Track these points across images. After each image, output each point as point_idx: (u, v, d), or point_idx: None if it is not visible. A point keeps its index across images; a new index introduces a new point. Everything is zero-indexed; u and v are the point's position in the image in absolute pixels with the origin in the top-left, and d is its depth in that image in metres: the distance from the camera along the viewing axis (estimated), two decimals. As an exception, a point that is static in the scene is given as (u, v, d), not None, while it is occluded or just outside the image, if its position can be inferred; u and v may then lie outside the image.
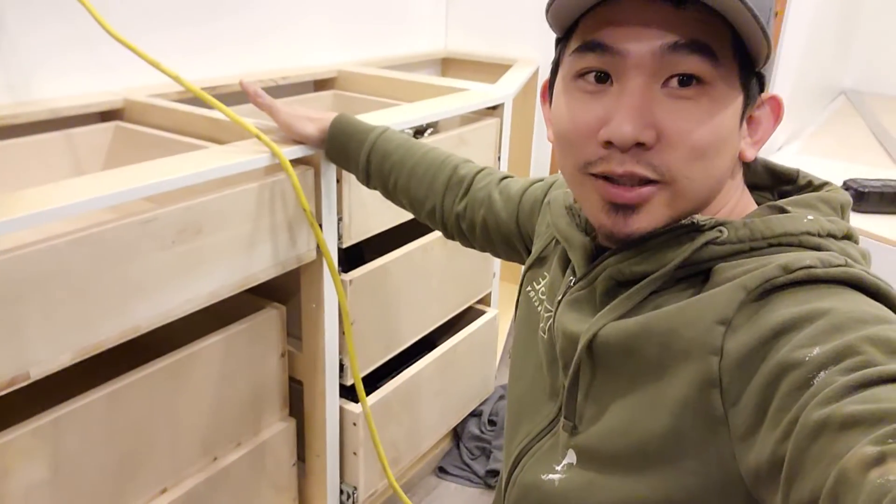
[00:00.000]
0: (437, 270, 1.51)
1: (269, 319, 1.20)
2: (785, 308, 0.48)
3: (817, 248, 0.53)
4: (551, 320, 0.66)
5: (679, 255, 0.56)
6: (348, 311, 1.25)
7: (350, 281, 1.27)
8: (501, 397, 1.80)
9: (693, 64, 0.53)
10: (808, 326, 0.46)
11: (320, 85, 1.80)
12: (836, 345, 0.44)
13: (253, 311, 1.19)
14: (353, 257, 1.33)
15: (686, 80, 0.53)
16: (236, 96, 1.44)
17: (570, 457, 0.60)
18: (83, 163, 1.28)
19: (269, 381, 1.23)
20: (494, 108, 1.62)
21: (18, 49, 1.25)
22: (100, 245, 0.87)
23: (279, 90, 1.67)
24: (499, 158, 1.65)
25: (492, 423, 1.70)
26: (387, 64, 1.96)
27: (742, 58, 0.55)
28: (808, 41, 2.12)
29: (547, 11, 0.59)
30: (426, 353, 1.54)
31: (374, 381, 1.44)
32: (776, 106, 0.61)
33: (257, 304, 1.22)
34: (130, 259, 0.90)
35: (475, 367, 1.72)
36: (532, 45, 2.11)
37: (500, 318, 1.81)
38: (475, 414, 1.73)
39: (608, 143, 0.55)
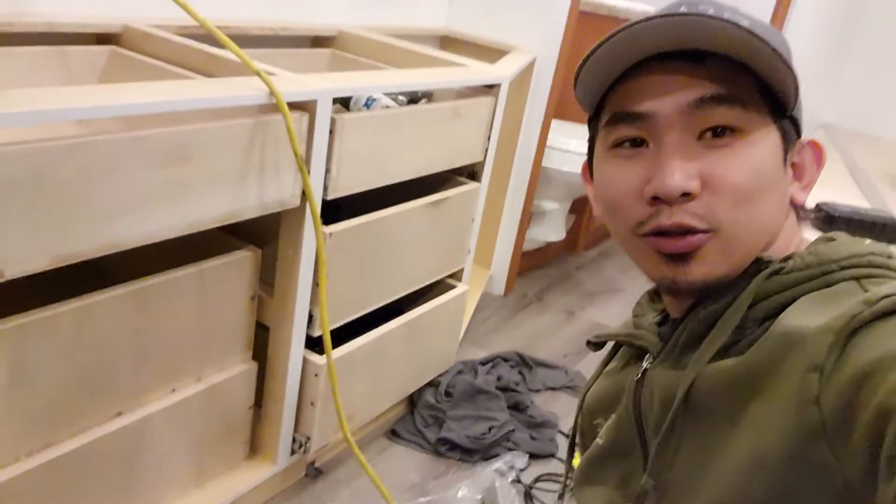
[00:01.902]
0: (415, 239, 1.52)
1: (244, 261, 1.21)
2: (875, 345, 0.47)
3: (886, 268, 0.54)
4: (633, 396, 0.65)
5: (749, 288, 0.56)
6: (325, 264, 1.26)
7: (330, 234, 1.27)
8: (460, 371, 1.83)
9: (722, 115, 0.55)
10: None
11: (318, 42, 1.80)
12: None
13: (229, 250, 1.20)
14: (330, 214, 1.34)
15: (720, 131, 0.55)
16: (239, 39, 1.43)
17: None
18: (75, 81, 1.26)
19: (236, 321, 1.24)
20: (491, 87, 1.64)
21: (22, -43, 1.23)
22: (90, 154, 0.86)
23: (276, 41, 1.66)
24: (488, 138, 1.67)
25: (448, 394, 1.73)
26: (386, 32, 1.96)
27: (771, 101, 0.57)
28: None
29: (576, 94, 0.62)
30: (393, 319, 1.55)
31: (337, 338, 1.45)
32: (817, 150, 0.63)
33: (234, 244, 1.22)
34: (117, 174, 0.90)
35: (439, 339, 1.74)
36: (531, 36, 2.12)
37: (468, 294, 1.83)
38: (433, 384, 1.75)
39: (654, 199, 0.56)
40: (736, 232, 0.56)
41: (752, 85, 0.56)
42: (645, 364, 0.65)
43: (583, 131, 2.66)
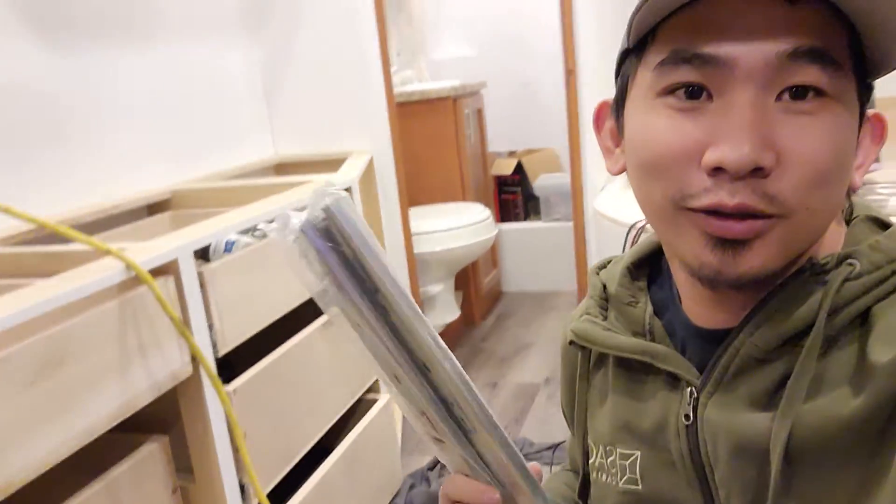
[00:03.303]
0: (320, 365, 1.44)
1: (153, 454, 1.08)
2: None
3: None
4: (684, 447, 0.53)
5: (820, 305, 0.47)
6: (238, 425, 1.15)
7: (234, 391, 1.18)
8: (412, 486, 1.73)
9: (813, 74, 0.44)
10: None
11: (155, 208, 1.72)
12: None
13: (134, 448, 1.07)
14: (224, 368, 1.24)
15: (801, 91, 0.45)
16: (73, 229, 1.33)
17: None
18: None
19: (164, 523, 1.10)
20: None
21: None
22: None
23: (111, 220, 1.57)
24: (357, 242, 1.64)
25: (409, 513, 1.62)
26: (220, 178, 1.92)
27: (859, 60, 0.47)
28: (603, 97, 2.35)
29: (633, 16, 0.48)
30: (326, 457, 1.45)
31: (278, 497, 1.32)
32: (880, 125, 0.52)
33: (136, 440, 1.10)
34: (-18, 409, 0.78)
35: (379, 460, 1.64)
36: (360, 138, 2.15)
37: (392, 403, 1.75)
38: (390, 509, 1.64)
39: (716, 171, 0.45)
40: (805, 219, 0.46)
41: (845, 42, 0.45)
42: (688, 399, 0.53)
43: (439, 211, 2.74)
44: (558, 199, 3.18)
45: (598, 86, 2.34)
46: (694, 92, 0.46)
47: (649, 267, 0.61)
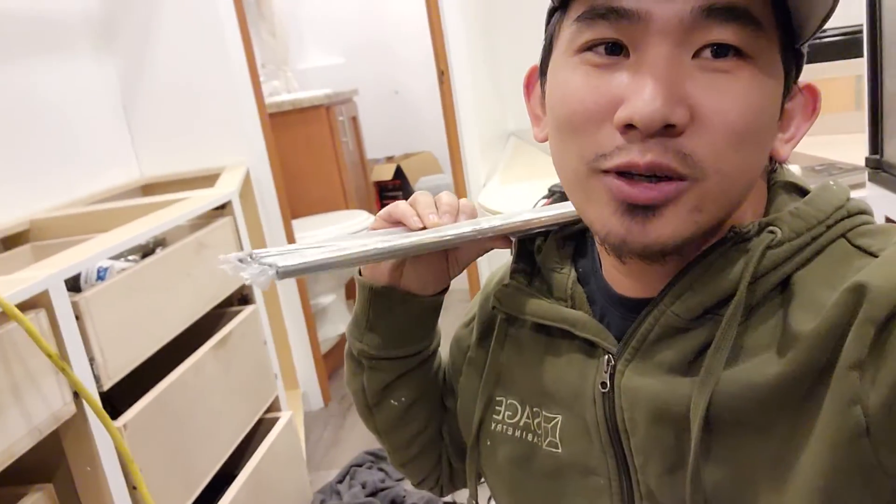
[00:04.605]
0: (215, 387, 1.37)
1: (37, 505, 0.98)
2: None
3: (864, 212, 0.48)
4: (601, 409, 0.52)
5: (741, 274, 0.46)
6: (133, 461, 1.07)
7: (124, 426, 1.09)
8: (322, 501, 1.67)
9: (730, 32, 0.43)
10: None
11: (12, 241, 1.58)
12: None
13: (15, 502, 0.97)
14: (110, 403, 1.16)
15: (721, 50, 0.43)
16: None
17: None
18: None
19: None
20: (223, 207, 1.56)
21: None
22: None
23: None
24: (242, 257, 1.58)
25: (323, 530, 1.57)
26: (84, 204, 1.78)
27: (783, 27, 0.46)
28: (476, 96, 2.39)
29: None
30: (231, 482, 1.38)
31: (183, 533, 1.24)
32: (813, 98, 0.51)
33: (17, 493, 0.99)
34: None
35: (287, 481, 1.58)
36: (234, 151, 2.07)
37: (294, 419, 1.69)
38: (303, 529, 1.59)
39: (628, 128, 0.44)
40: (718, 185, 0.45)
41: (768, 2, 0.44)
42: (605, 367, 0.53)
43: (322, 220, 2.68)
44: (440, 200, 3.19)
45: (471, 84, 2.37)
46: (612, 48, 0.45)
47: (581, 236, 0.61)
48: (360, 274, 0.64)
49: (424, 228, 0.58)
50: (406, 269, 0.63)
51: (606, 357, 0.52)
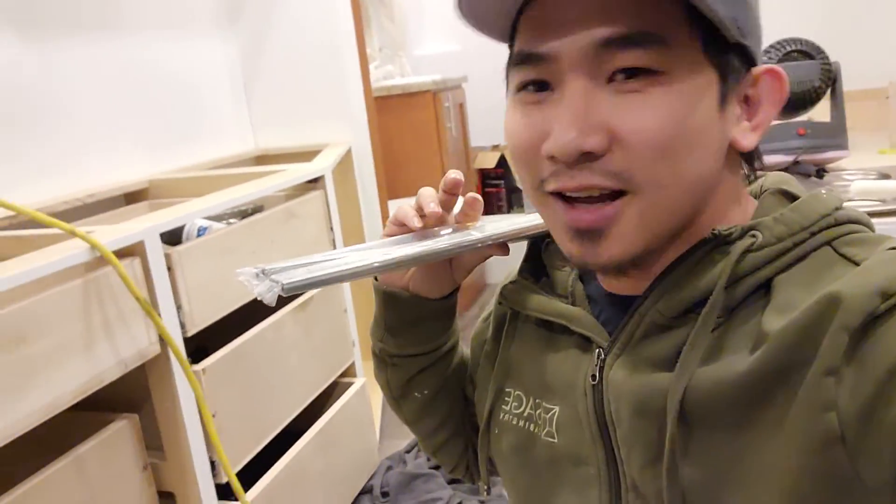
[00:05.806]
0: (293, 347, 1.47)
1: (122, 432, 1.11)
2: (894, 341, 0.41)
3: (855, 222, 0.49)
4: (593, 397, 0.55)
5: (719, 275, 0.48)
6: (206, 404, 1.18)
7: (203, 370, 1.21)
8: (389, 468, 1.75)
9: (635, 57, 0.46)
10: None
11: (132, 198, 1.74)
12: None
13: (101, 427, 1.10)
14: (199, 348, 1.27)
15: (631, 71, 0.46)
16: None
17: None
18: None
19: (133, 500, 1.12)
20: (316, 181, 1.65)
21: None
22: None
23: (87, 209, 1.60)
24: (331, 229, 1.67)
25: (385, 494, 1.65)
26: (200, 169, 1.94)
27: (706, 31, 0.47)
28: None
29: (460, 16, 0.52)
30: (301, 437, 1.48)
31: (252, 474, 1.35)
32: (776, 79, 0.51)
33: (105, 419, 1.12)
34: (-55, 380, 0.81)
35: (355, 442, 1.67)
36: (339, 131, 2.18)
37: (368, 386, 1.78)
38: (366, 491, 1.67)
39: (552, 158, 0.48)
40: (657, 194, 0.47)
41: (681, 11, 0.46)
42: (595, 360, 0.55)
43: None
44: (541, 192, 3.19)
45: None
46: (541, 86, 0.50)
47: None
48: (375, 280, 0.70)
49: (426, 226, 0.63)
50: (414, 275, 0.68)
51: (598, 351, 0.55)
